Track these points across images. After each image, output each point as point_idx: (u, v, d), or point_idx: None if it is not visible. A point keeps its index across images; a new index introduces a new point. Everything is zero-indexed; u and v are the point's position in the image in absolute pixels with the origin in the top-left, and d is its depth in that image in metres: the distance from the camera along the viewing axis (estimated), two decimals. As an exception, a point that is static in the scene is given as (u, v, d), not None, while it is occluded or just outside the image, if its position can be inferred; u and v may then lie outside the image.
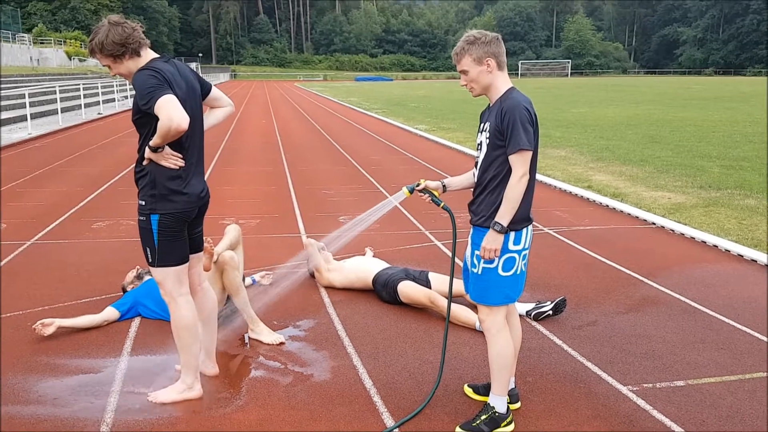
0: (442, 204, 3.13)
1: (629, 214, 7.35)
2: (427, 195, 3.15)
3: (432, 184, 3.16)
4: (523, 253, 2.92)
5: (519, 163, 2.75)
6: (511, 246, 2.86)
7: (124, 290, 4.52)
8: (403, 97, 36.65)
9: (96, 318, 4.14)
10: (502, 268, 2.87)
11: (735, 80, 68.26)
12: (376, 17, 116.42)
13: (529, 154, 2.76)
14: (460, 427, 2.99)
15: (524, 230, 2.89)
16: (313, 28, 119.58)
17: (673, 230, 6.63)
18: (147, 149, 2.92)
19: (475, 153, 3.03)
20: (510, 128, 2.73)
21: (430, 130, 17.35)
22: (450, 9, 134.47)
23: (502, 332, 2.97)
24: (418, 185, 3.17)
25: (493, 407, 2.99)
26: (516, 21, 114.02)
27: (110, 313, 4.20)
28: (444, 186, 3.17)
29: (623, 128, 17.13)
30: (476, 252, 2.90)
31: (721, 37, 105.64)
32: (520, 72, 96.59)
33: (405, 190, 3.21)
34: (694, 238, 6.31)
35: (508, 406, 3.04)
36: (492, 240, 2.81)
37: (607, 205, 7.82)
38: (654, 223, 6.92)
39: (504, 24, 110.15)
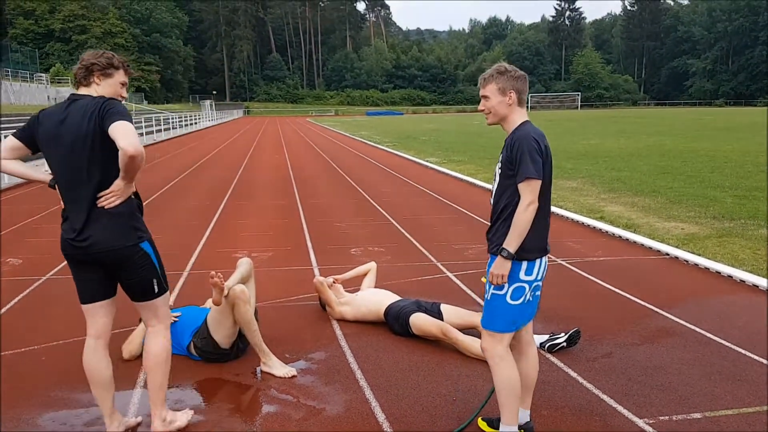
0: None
1: (642, 245, 7.31)
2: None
3: None
4: (535, 284, 2.93)
5: (527, 191, 2.79)
6: (522, 276, 2.87)
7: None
8: (414, 131, 36.95)
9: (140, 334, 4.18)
10: (510, 297, 2.89)
11: (746, 111, 68.23)
12: (386, 53, 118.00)
13: (537, 183, 2.80)
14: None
15: (537, 261, 2.90)
16: (324, 65, 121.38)
17: (686, 261, 6.58)
18: None
19: (489, 185, 3.08)
20: (518, 158, 2.80)
21: (441, 163, 17.46)
22: (459, 45, 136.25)
23: (505, 359, 2.96)
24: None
25: (506, 439, 2.96)
26: (525, 55, 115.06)
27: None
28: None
29: (634, 159, 17.14)
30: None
31: (731, 68, 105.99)
32: (530, 105, 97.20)
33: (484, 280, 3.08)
34: (708, 269, 6.26)
35: (521, 437, 3.01)
36: (499, 266, 2.83)
37: (620, 236, 7.79)
38: (667, 254, 6.88)
39: (513, 58, 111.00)
